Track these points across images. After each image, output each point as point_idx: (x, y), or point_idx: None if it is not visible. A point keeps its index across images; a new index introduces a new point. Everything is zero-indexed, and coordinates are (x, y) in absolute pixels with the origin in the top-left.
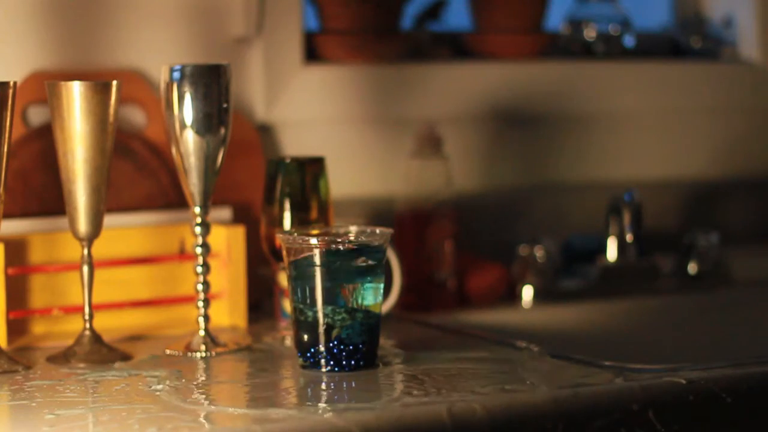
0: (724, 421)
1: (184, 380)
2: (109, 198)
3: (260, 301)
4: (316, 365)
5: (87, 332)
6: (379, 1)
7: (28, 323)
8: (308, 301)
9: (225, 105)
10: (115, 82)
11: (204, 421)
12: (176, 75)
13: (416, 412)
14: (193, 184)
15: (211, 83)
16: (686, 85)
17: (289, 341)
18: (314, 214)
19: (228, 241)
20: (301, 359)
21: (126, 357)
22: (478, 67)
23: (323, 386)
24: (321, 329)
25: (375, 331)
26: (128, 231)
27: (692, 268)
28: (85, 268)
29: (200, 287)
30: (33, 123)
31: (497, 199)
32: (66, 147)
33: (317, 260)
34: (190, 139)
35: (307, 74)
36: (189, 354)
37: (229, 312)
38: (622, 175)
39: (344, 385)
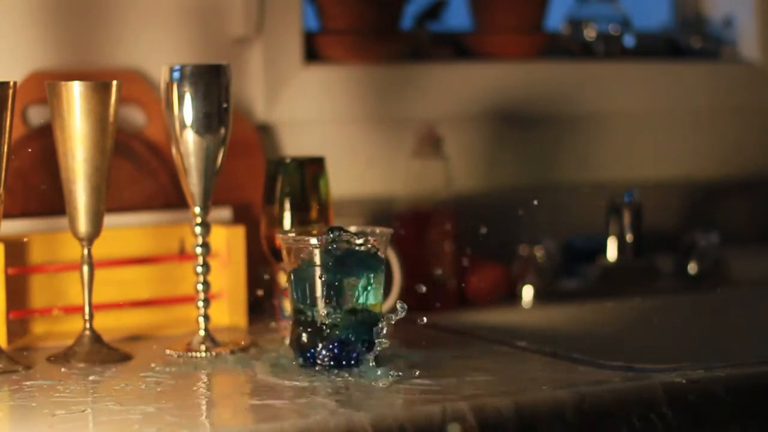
0: (724, 421)
1: (183, 380)
2: (109, 198)
3: (260, 301)
4: (316, 365)
5: (87, 332)
6: (379, 1)
7: (28, 323)
8: (308, 301)
9: (225, 105)
10: (115, 82)
11: (204, 421)
12: (176, 75)
13: (416, 412)
14: (193, 184)
15: (211, 83)
16: (686, 85)
17: (288, 341)
18: (314, 214)
19: (228, 241)
20: (301, 359)
21: (126, 357)
22: (478, 67)
23: (323, 386)
24: (321, 329)
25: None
26: (128, 231)
27: (692, 268)
28: (85, 268)
29: (200, 287)
30: (33, 123)
31: (497, 199)
32: (66, 147)
33: (317, 260)
34: (190, 139)
35: (307, 74)
36: (189, 354)
37: (229, 312)
38: (622, 175)
39: (344, 385)
